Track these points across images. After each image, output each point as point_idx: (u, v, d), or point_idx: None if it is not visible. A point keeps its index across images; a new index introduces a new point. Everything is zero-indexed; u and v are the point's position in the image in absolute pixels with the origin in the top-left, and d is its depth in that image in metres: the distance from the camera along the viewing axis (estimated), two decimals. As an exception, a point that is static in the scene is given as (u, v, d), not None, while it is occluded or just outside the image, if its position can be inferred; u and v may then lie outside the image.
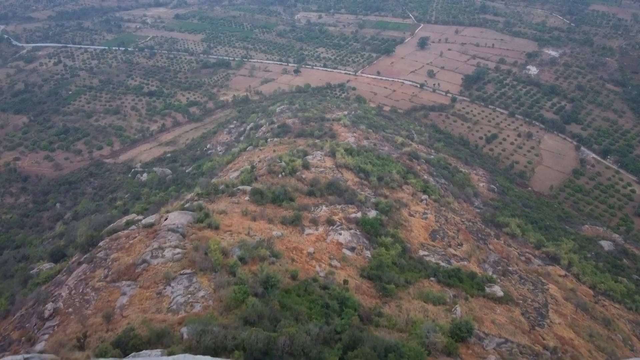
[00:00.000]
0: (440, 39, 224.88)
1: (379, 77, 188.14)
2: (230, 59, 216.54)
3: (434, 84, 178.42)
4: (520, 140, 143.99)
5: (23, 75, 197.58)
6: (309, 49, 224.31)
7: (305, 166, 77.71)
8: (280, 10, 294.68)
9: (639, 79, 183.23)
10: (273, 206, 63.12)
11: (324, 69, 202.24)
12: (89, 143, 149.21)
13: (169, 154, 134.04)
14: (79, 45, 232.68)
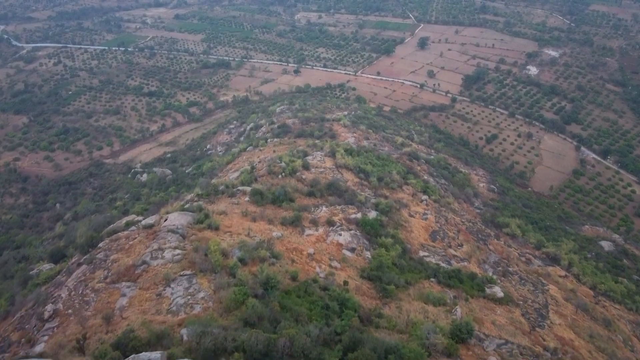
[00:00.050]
0: (440, 39, 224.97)
1: (379, 78, 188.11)
2: (230, 59, 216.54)
3: (434, 84, 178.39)
4: (520, 141, 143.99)
5: (23, 76, 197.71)
6: (309, 49, 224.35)
7: (305, 167, 77.62)
8: (280, 10, 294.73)
9: (639, 79, 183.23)
10: (273, 207, 63.06)
11: (324, 69, 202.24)
12: (88, 143, 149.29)
13: (169, 155, 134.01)
14: (79, 46, 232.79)
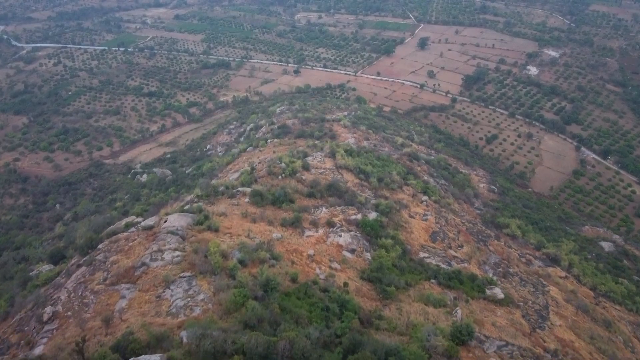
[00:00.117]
0: (440, 39, 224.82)
1: (379, 78, 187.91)
2: (230, 59, 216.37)
3: (434, 85, 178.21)
4: (520, 141, 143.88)
5: (23, 76, 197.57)
6: (309, 50, 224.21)
7: (306, 167, 77.51)
8: (280, 10, 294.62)
9: (639, 79, 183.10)
10: (273, 208, 62.98)
11: (324, 69, 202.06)
12: (88, 144, 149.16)
13: (169, 155, 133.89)
14: (79, 46, 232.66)
